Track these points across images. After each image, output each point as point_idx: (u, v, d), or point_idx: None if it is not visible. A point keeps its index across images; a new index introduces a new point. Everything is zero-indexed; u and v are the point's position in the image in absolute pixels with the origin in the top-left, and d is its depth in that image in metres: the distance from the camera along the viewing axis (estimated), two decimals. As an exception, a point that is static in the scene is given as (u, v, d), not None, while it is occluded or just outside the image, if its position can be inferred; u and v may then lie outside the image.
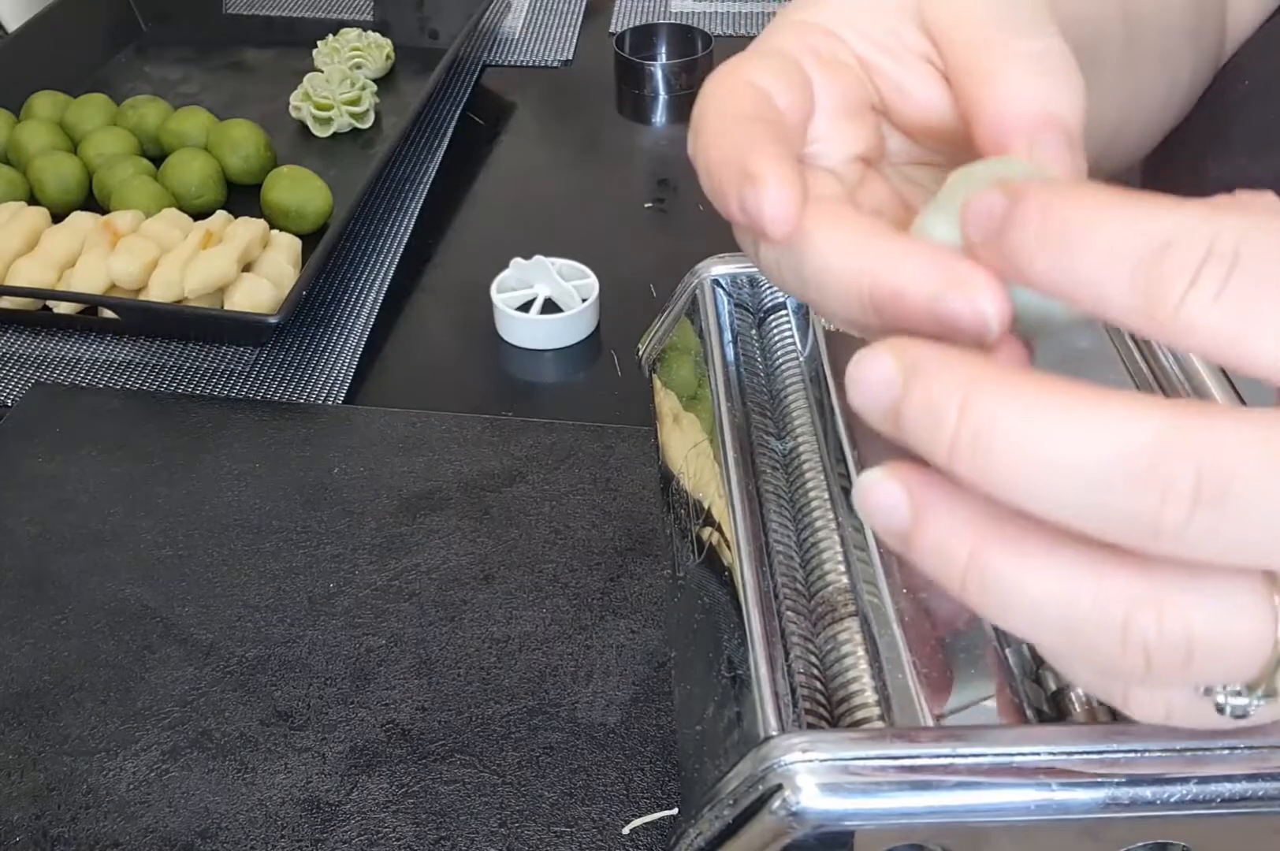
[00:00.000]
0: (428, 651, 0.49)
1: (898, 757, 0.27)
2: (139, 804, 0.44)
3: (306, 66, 0.89)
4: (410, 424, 0.60)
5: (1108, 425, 0.21)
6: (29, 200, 0.75)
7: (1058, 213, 0.22)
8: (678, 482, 0.41)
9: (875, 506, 0.24)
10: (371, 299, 0.70)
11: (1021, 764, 0.27)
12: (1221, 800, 0.27)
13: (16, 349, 0.67)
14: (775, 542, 0.35)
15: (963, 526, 0.23)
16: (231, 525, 0.55)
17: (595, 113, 0.91)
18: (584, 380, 0.66)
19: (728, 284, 0.44)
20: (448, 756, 0.46)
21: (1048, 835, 0.28)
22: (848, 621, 0.32)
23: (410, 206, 0.78)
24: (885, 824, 0.27)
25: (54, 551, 0.54)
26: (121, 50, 0.96)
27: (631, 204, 0.79)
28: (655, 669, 0.48)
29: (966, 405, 0.22)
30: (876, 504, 0.24)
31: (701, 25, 0.95)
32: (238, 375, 0.65)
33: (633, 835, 0.43)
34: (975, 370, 0.22)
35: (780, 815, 0.27)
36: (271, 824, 0.44)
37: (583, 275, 0.68)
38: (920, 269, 0.24)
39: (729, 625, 0.33)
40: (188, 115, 0.80)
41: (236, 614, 0.51)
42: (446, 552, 0.54)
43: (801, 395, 0.40)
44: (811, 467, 0.37)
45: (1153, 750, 0.27)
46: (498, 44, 0.97)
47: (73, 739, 0.47)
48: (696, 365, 0.42)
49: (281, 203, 0.73)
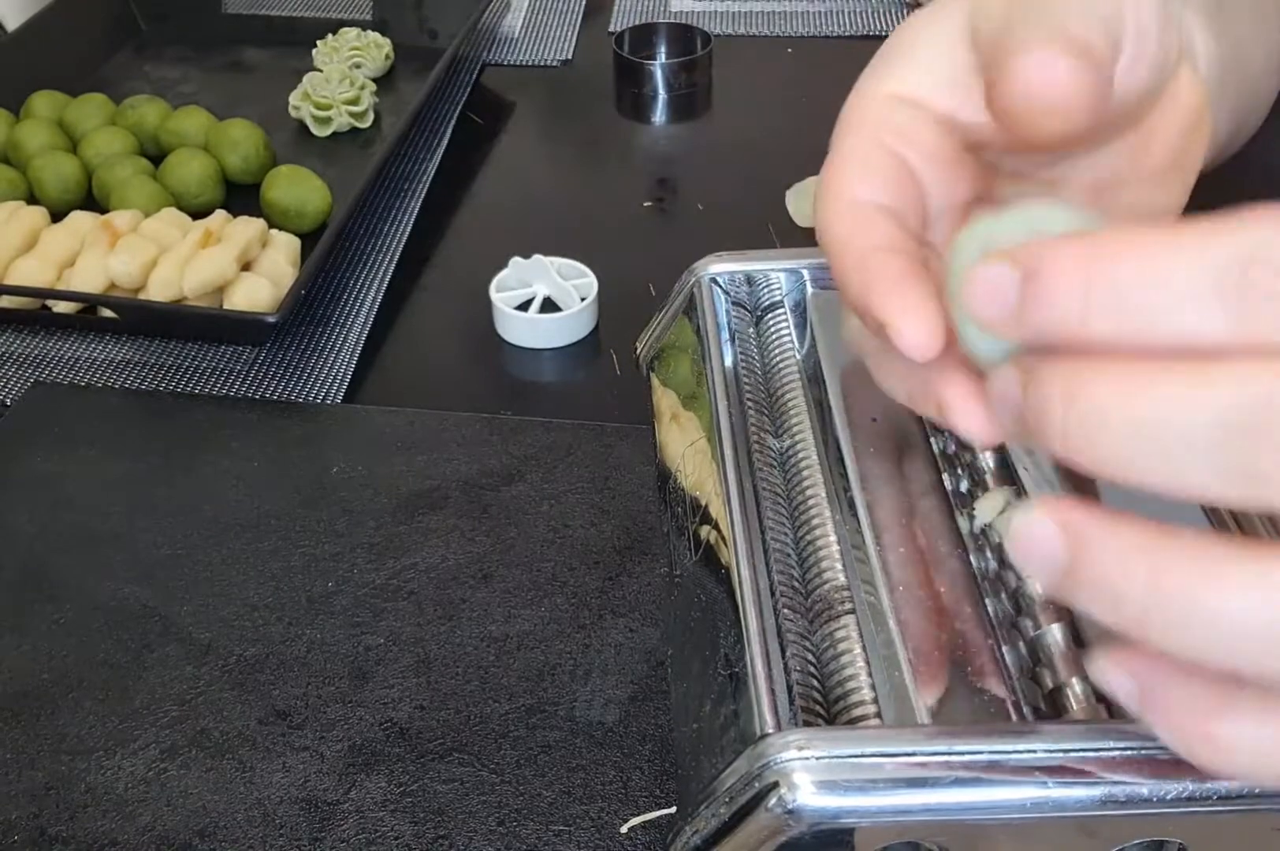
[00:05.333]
0: (426, 650, 0.49)
1: (894, 755, 0.27)
2: (137, 802, 0.44)
3: (306, 66, 0.89)
4: (409, 423, 0.60)
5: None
6: (28, 199, 0.75)
7: (1101, 262, 0.21)
8: (675, 481, 0.41)
9: (1032, 550, 0.23)
10: (370, 298, 0.70)
11: (1018, 761, 0.27)
12: (1217, 797, 0.27)
13: (16, 348, 0.67)
14: (772, 540, 0.35)
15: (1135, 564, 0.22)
16: (230, 524, 0.55)
17: (595, 112, 0.91)
18: (583, 379, 0.66)
19: (725, 282, 0.44)
20: (446, 755, 0.46)
21: (1044, 832, 0.28)
22: (844, 619, 0.32)
23: (409, 206, 0.78)
24: (881, 821, 0.27)
25: (53, 550, 0.54)
26: (120, 50, 0.96)
27: (631, 203, 0.79)
28: (654, 667, 0.48)
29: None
30: (1033, 546, 0.23)
31: (701, 24, 0.95)
32: (237, 374, 0.65)
33: (631, 833, 0.43)
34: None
35: (777, 812, 0.27)
36: (270, 822, 0.44)
37: (582, 274, 0.68)
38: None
39: (726, 623, 0.33)
40: (187, 115, 0.80)
41: (235, 612, 0.51)
42: (445, 551, 0.54)
43: (799, 393, 0.40)
44: (808, 466, 0.37)
45: (1149, 748, 0.27)
46: (497, 43, 0.97)
47: (71, 737, 0.47)
48: (694, 364, 0.42)
49: (281, 202, 0.73)
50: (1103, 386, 0.21)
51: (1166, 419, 0.21)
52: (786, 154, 0.77)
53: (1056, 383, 0.22)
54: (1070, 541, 0.22)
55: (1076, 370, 0.22)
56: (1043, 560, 0.23)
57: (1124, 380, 0.21)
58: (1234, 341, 0.21)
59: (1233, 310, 0.20)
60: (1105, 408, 0.21)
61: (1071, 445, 0.22)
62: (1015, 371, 0.23)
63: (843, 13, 0.99)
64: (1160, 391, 0.21)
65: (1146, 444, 0.21)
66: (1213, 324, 0.21)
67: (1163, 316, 0.21)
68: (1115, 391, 0.21)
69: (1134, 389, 0.21)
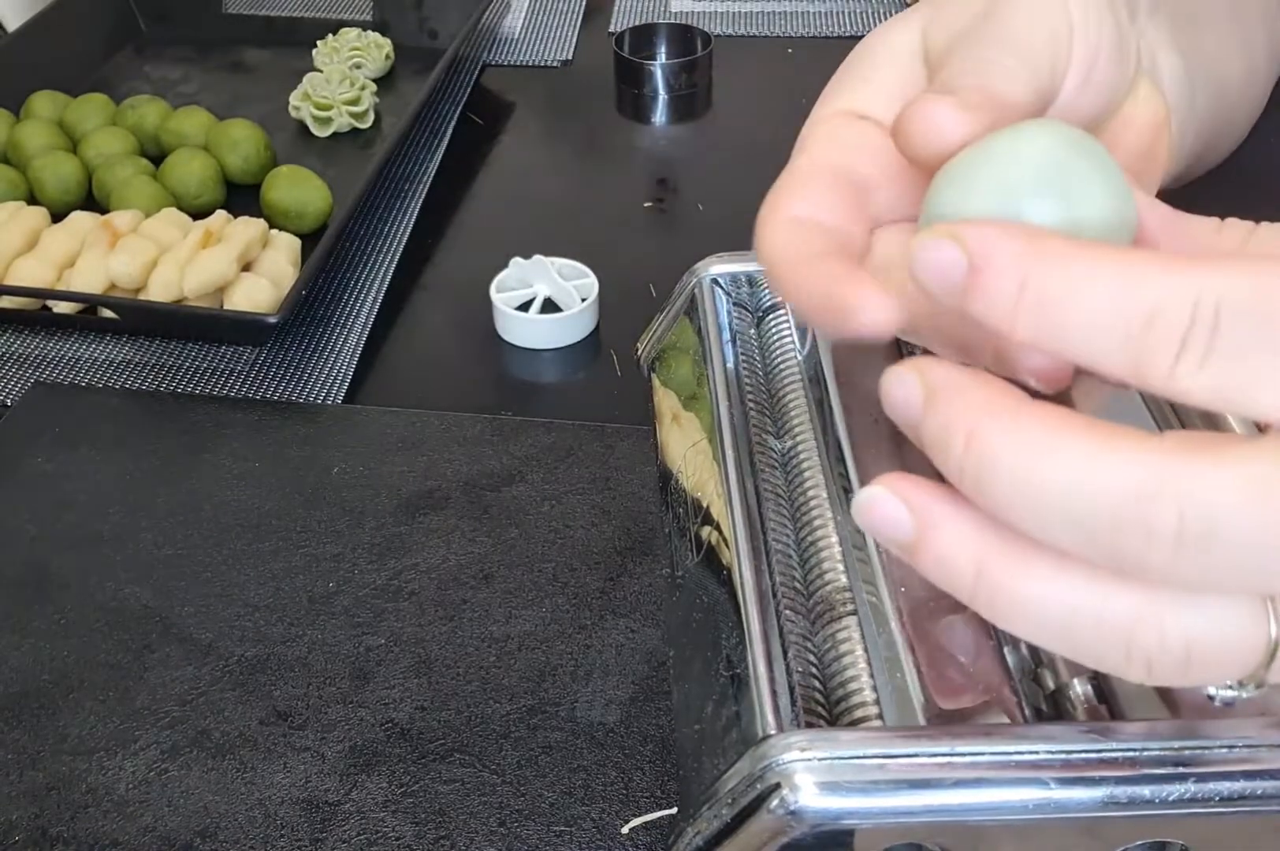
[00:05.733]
0: (427, 651, 0.49)
1: (896, 756, 0.27)
2: (138, 803, 0.44)
3: (306, 66, 0.89)
4: (410, 423, 0.60)
5: (1096, 468, 0.21)
6: (28, 200, 0.75)
7: (1036, 279, 0.22)
8: (677, 482, 0.41)
9: (879, 521, 0.25)
10: (371, 298, 0.70)
11: (1020, 762, 0.27)
12: (1220, 799, 0.27)
13: (16, 348, 0.67)
14: (774, 541, 0.35)
15: (969, 540, 0.24)
16: (231, 524, 0.55)
17: (595, 112, 0.91)
18: (583, 379, 0.66)
19: (727, 283, 0.44)
20: (447, 756, 0.46)
21: (1046, 834, 0.28)
22: (846, 620, 0.32)
23: (410, 206, 0.78)
24: (883, 822, 0.27)
25: (53, 551, 0.54)
26: (121, 50, 0.96)
27: (631, 204, 0.79)
28: (655, 668, 0.48)
29: (972, 435, 0.22)
30: (881, 518, 0.24)
31: (701, 25, 0.95)
32: (237, 374, 0.65)
33: (632, 834, 0.43)
34: (986, 400, 0.23)
35: (779, 814, 0.27)
36: (271, 823, 0.44)
37: (582, 275, 0.68)
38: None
39: (728, 624, 0.33)
40: (187, 115, 0.80)
41: (236, 613, 0.51)
42: (446, 552, 0.54)
43: (800, 394, 0.40)
44: (810, 467, 0.37)
45: (1151, 749, 0.27)
46: (497, 44, 0.97)
47: (72, 738, 0.47)
48: (695, 364, 0.42)
49: (281, 202, 0.73)
50: (1002, 439, 0.22)
51: (1055, 492, 0.22)
52: (787, 154, 0.76)
53: (959, 421, 0.23)
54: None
55: (981, 411, 0.23)
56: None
57: (1022, 438, 0.22)
58: (1130, 380, 0.22)
59: (1131, 358, 0.22)
60: (999, 463, 0.22)
61: (965, 484, 0.23)
62: (917, 381, 0.24)
63: (843, 13, 0.99)
64: (1054, 460, 0.22)
65: (1031, 507, 0.22)
66: (1112, 360, 0.22)
67: (1075, 338, 0.22)
68: (1012, 450, 0.22)
69: (1032, 452, 0.22)
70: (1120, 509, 0.21)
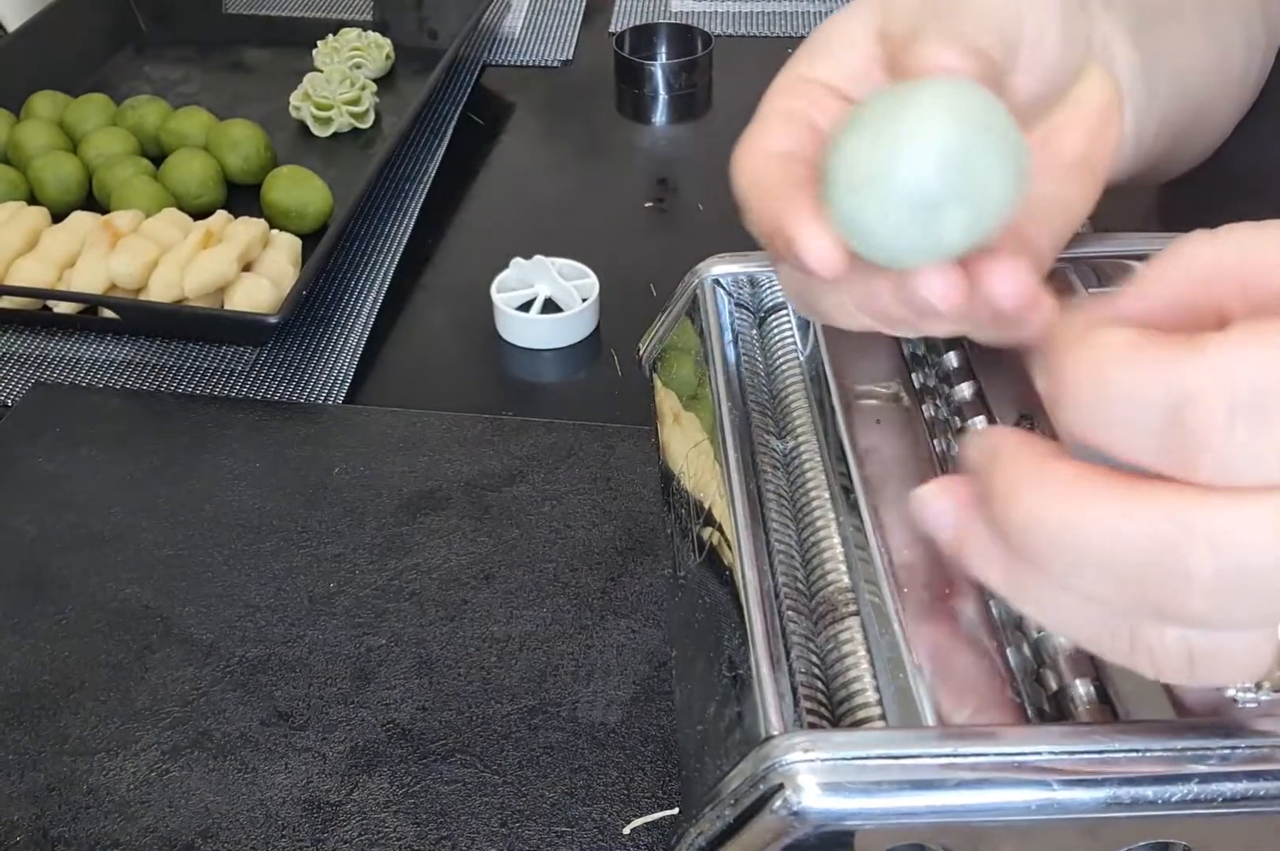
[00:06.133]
0: (428, 651, 0.49)
1: (899, 757, 0.27)
2: (139, 804, 0.44)
3: (306, 66, 0.89)
4: (410, 423, 0.60)
5: (1124, 524, 0.22)
6: (29, 200, 0.75)
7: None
8: (678, 482, 0.41)
9: (928, 519, 0.26)
10: (371, 298, 0.70)
11: (1022, 763, 0.27)
12: (1222, 799, 0.27)
13: (16, 349, 0.67)
14: (776, 542, 0.35)
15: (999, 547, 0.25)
16: (232, 525, 0.55)
17: (595, 112, 0.91)
18: (584, 380, 0.66)
19: (728, 284, 0.44)
20: (448, 756, 0.46)
21: (1048, 835, 0.28)
22: (849, 621, 0.32)
23: (410, 206, 0.78)
24: (886, 823, 0.27)
25: (54, 551, 0.54)
26: (121, 50, 0.96)
27: (631, 204, 0.79)
28: (656, 668, 0.48)
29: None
30: (931, 516, 0.26)
31: (701, 25, 0.95)
32: (238, 375, 0.65)
33: (633, 835, 0.43)
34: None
35: (781, 814, 0.27)
36: (272, 824, 0.44)
37: (583, 275, 0.68)
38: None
39: (730, 624, 0.33)
40: (188, 115, 0.80)
41: (236, 613, 0.51)
42: (447, 552, 0.54)
43: (802, 395, 0.40)
44: (812, 467, 0.37)
45: (1154, 749, 0.27)
46: (497, 44, 0.97)
47: (73, 739, 0.47)
48: (697, 365, 0.42)
49: (281, 202, 0.73)
50: (1041, 498, 0.23)
51: (1093, 550, 0.22)
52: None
53: (1000, 483, 0.24)
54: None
55: (1021, 476, 0.24)
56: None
57: (1062, 501, 0.23)
58: (1160, 468, 0.22)
59: (1158, 441, 0.22)
60: (1036, 519, 0.23)
61: (1008, 533, 0.24)
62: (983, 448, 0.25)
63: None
64: (1089, 518, 0.22)
65: (1071, 559, 0.23)
66: (1144, 444, 0.22)
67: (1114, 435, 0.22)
68: (1049, 505, 0.23)
69: (1068, 517, 0.23)
70: (1158, 557, 0.22)
